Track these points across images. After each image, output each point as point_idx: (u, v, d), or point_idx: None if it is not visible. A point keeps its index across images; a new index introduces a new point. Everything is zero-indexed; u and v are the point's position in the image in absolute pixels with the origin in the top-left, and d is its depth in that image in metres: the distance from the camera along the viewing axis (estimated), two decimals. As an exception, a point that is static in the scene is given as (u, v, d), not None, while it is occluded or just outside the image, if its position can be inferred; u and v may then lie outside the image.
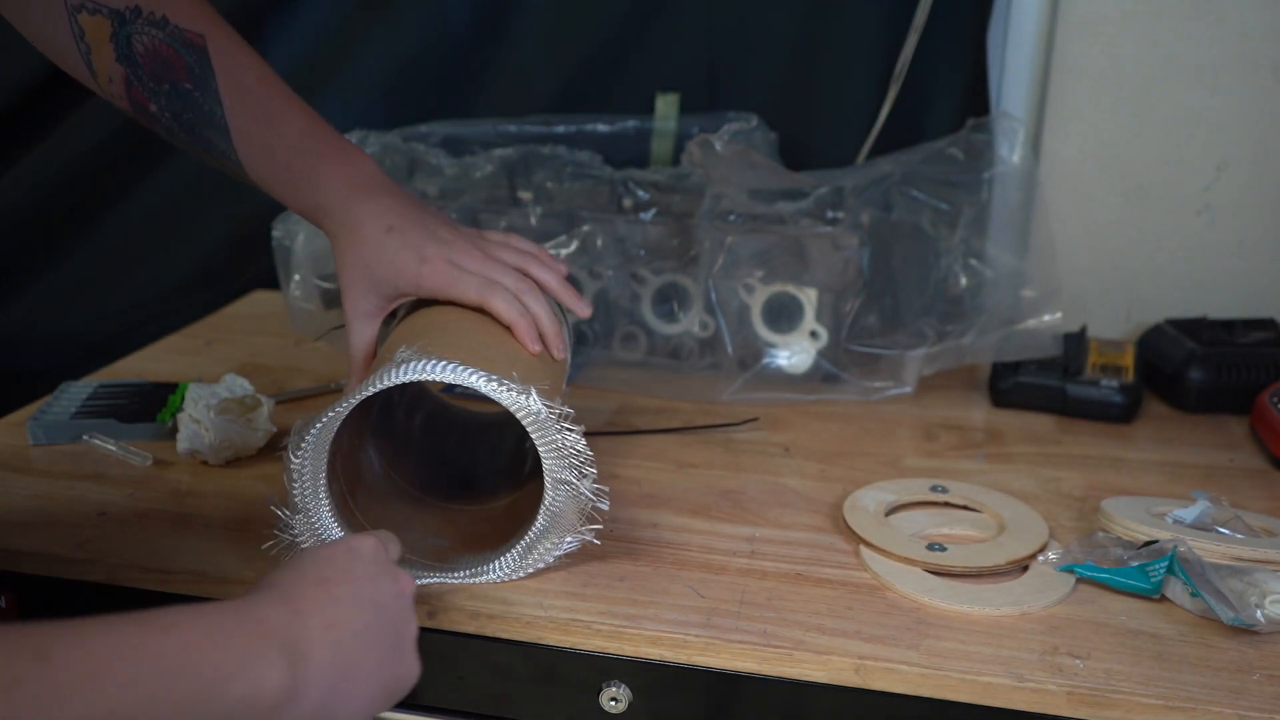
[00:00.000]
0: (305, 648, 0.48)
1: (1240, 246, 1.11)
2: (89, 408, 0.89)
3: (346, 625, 0.51)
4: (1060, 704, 0.59)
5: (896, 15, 1.09)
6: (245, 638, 0.46)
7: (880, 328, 1.01)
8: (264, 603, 0.49)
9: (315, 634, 0.49)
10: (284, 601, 0.50)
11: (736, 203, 1.01)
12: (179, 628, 0.44)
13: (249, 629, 0.47)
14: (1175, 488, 0.84)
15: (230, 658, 0.45)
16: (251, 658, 0.46)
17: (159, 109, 0.72)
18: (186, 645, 0.43)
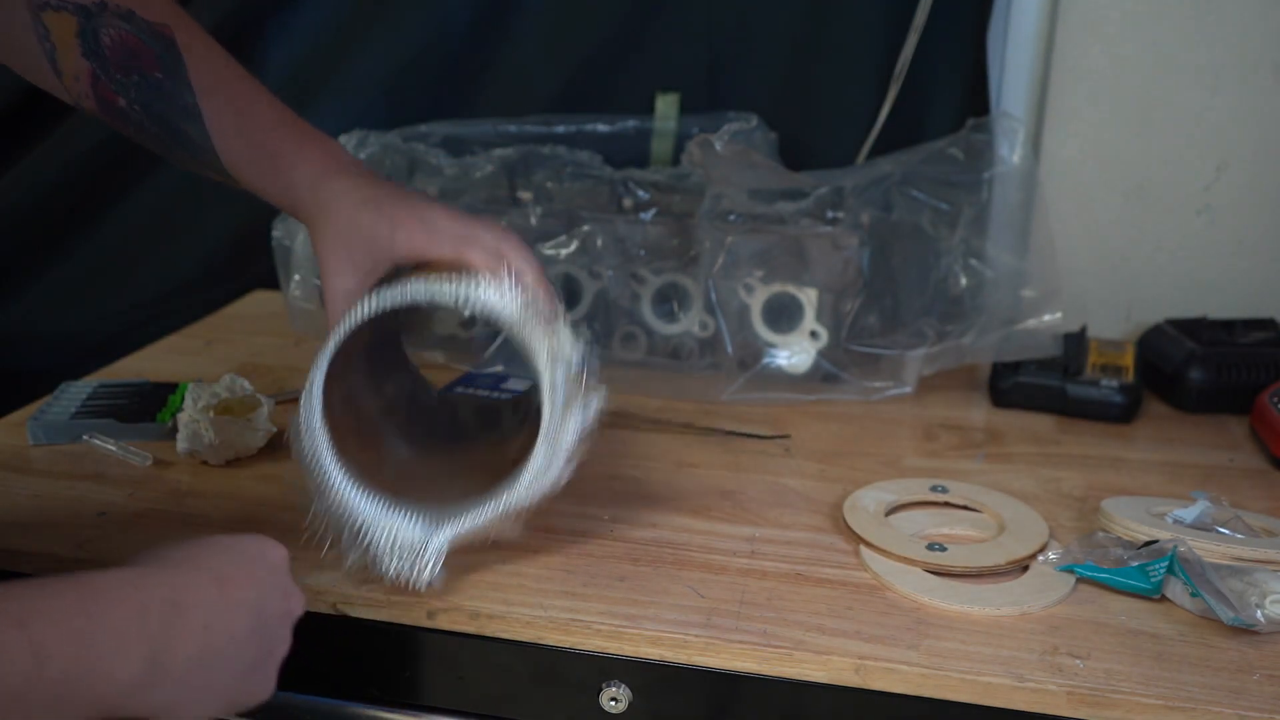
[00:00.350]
0: (174, 645, 0.47)
1: (1240, 246, 1.11)
2: (89, 408, 0.89)
3: (225, 630, 0.49)
4: (1060, 704, 0.59)
5: (896, 15, 1.09)
6: (116, 622, 0.45)
7: (880, 328, 1.01)
8: (148, 585, 0.48)
9: (190, 632, 0.48)
10: (171, 590, 0.48)
11: (736, 203, 1.01)
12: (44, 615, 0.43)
13: (124, 612, 0.46)
14: (1175, 488, 0.84)
15: (93, 649, 0.44)
16: (113, 650, 0.45)
17: (128, 103, 0.70)
18: (55, 629, 0.43)
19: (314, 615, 0.67)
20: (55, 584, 0.45)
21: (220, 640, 0.49)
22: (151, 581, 0.48)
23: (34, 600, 0.43)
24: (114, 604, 0.46)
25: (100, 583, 0.46)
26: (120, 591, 0.47)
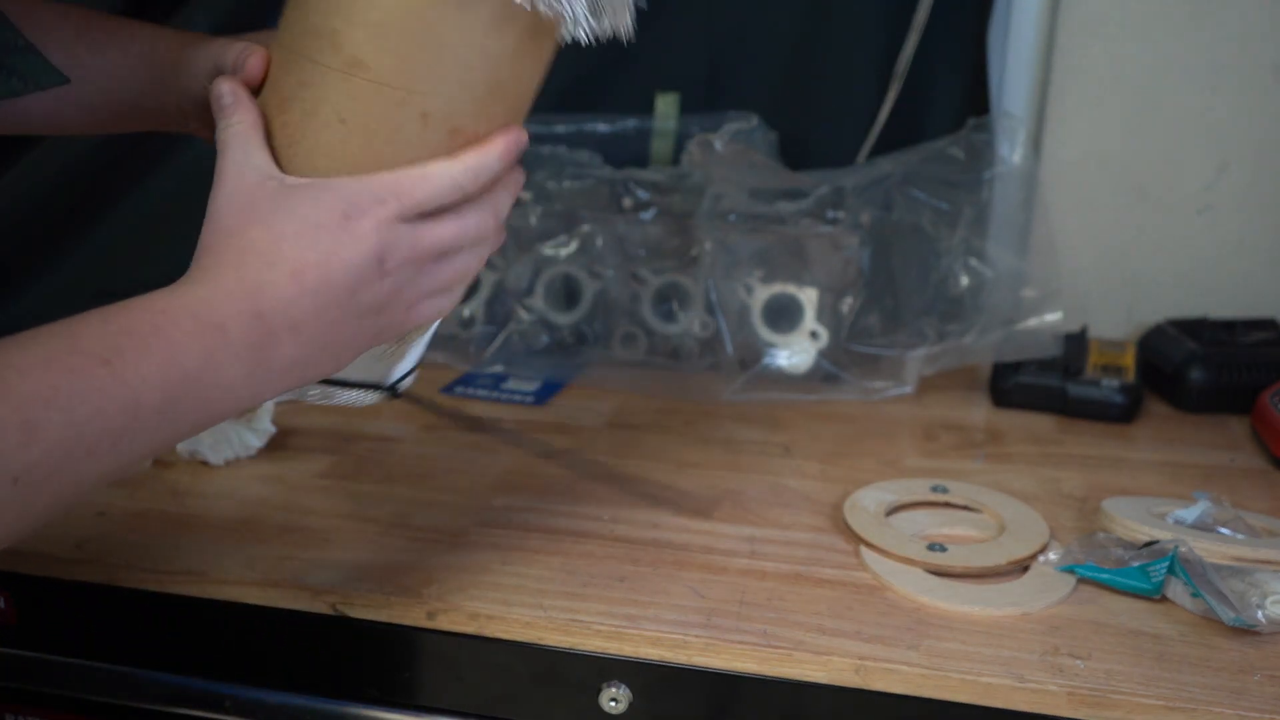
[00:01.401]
0: (268, 357, 0.47)
1: (1240, 246, 1.11)
2: (88, 408, 0.89)
3: (315, 323, 0.49)
4: (1061, 704, 0.59)
5: (896, 15, 1.09)
6: (200, 353, 0.46)
7: (880, 328, 1.01)
8: (220, 305, 0.47)
9: (279, 340, 0.48)
10: (246, 301, 0.48)
11: (736, 203, 1.01)
12: (127, 352, 0.44)
13: (207, 343, 0.46)
14: (1176, 488, 0.83)
15: (185, 378, 0.45)
16: (208, 377, 0.46)
17: None
18: (143, 363, 0.44)
19: (314, 615, 0.67)
20: (126, 316, 0.45)
21: (314, 331, 0.49)
22: (222, 299, 0.47)
23: (114, 336, 0.44)
24: (193, 335, 0.46)
25: (176, 310, 0.46)
26: (195, 321, 0.46)
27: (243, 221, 0.50)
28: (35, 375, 0.42)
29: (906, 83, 1.09)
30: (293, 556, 0.71)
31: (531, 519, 0.77)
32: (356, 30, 0.52)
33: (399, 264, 0.52)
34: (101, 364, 0.43)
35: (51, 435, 0.42)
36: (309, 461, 0.85)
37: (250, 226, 0.50)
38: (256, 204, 0.50)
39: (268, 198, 0.51)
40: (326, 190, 0.51)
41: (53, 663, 0.73)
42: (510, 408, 0.97)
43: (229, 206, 0.51)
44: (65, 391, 0.42)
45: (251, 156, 0.52)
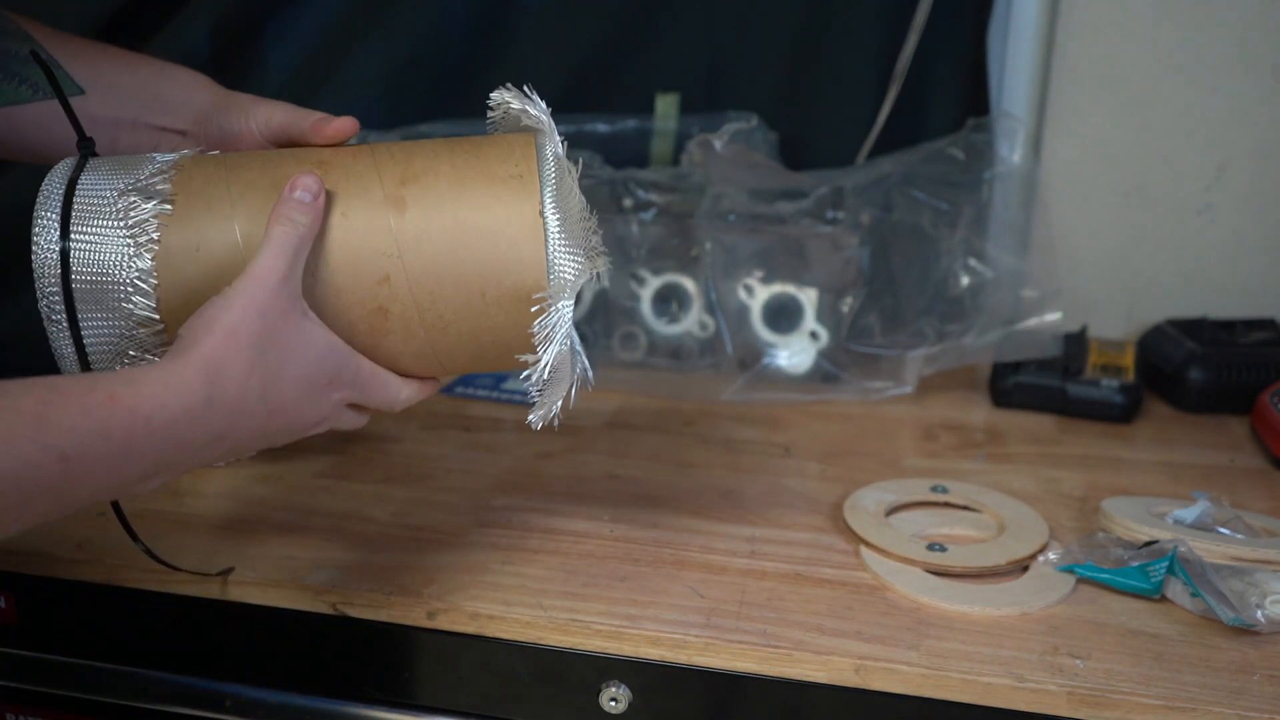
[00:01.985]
0: (212, 454, 0.54)
1: (1240, 246, 1.11)
2: (89, 408, 0.89)
3: (261, 442, 0.57)
4: (1060, 704, 0.59)
5: (896, 15, 1.09)
6: (156, 461, 0.51)
7: (880, 328, 1.01)
8: (201, 426, 0.52)
9: (232, 447, 0.54)
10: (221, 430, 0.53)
11: (736, 203, 1.01)
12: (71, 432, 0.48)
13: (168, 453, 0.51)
14: (1175, 488, 0.83)
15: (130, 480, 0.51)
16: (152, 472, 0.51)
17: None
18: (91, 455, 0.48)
19: (314, 615, 0.67)
20: (107, 415, 0.48)
21: (233, 445, 0.55)
22: (205, 422, 0.52)
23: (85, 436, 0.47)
24: (157, 447, 0.50)
25: (156, 423, 0.50)
26: (168, 438, 0.50)
27: (264, 341, 0.54)
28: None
29: (906, 83, 1.09)
30: (293, 556, 0.71)
31: (531, 519, 0.77)
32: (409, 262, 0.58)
33: (319, 429, 0.60)
34: (58, 460, 0.46)
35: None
36: (309, 461, 0.85)
37: (268, 350, 0.54)
38: (287, 319, 0.55)
39: (291, 326, 0.55)
40: (331, 353, 0.57)
41: (53, 663, 0.73)
42: (510, 408, 0.97)
43: (258, 314, 0.54)
44: (13, 481, 0.45)
45: (295, 270, 0.56)
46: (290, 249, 0.55)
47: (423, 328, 0.59)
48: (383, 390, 0.61)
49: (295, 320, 0.55)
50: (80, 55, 0.67)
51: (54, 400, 0.47)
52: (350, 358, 0.58)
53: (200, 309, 0.54)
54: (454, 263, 0.58)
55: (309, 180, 0.57)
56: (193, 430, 0.51)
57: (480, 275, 0.58)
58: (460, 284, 0.58)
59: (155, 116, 0.69)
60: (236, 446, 0.55)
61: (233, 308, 0.53)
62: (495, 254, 0.58)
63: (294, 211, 0.56)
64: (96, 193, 0.58)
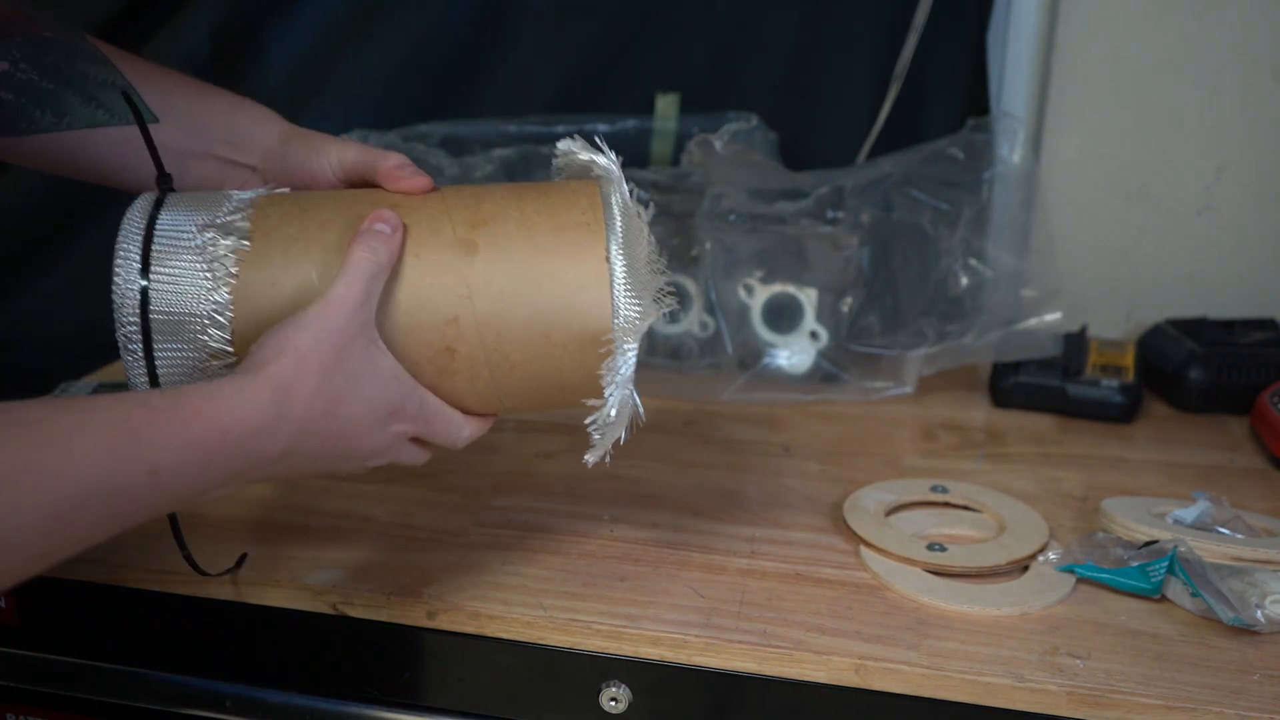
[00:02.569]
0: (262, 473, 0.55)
1: (1240, 246, 1.11)
2: (89, 408, 0.89)
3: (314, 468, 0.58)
4: (1060, 704, 0.59)
5: (896, 15, 1.09)
6: (226, 474, 0.52)
7: (880, 328, 1.01)
8: (270, 443, 0.53)
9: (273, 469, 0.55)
10: (289, 441, 0.54)
11: (736, 203, 1.01)
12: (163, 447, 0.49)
13: (236, 467, 0.52)
14: (1175, 488, 0.84)
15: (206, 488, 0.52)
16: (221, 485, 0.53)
17: (10, 65, 0.64)
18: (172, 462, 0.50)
19: (314, 615, 0.68)
20: (189, 429, 0.50)
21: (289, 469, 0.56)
22: (272, 437, 0.53)
23: (174, 450, 0.49)
24: (232, 461, 0.52)
25: (232, 438, 0.51)
26: (239, 454, 0.52)
27: (333, 363, 0.55)
28: (92, 471, 0.47)
29: (906, 83, 1.09)
30: (293, 556, 0.71)
31: (531, 519, 0.77)
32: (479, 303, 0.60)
33: (379, 460, 0.60)
34: (148, 474, 0.48)
35: (83, 525, 0.47)
36: (309, 461, 0.85)
37: (336, 373, 0.55)
38: (357, 344, 0.56)
39: (364, 349, 0.56)
40: (396, 382, 0.58)
41: (53, 663, 0.73)
42: (510, 408, 0.97)
43: (329, 335, 0.55)
44: (107, 494, 0.47)
45: (371, 298, 0.57)
46: (367, 276, 0.56)
47: (488, 368, 0.60)
48: (446, 426, 0.61)
49: (364, 347, 0.56)
50: (153, 82, 0.68)
51: (146, 416, 0.49)
52: (415, 391, 0.59)
53: (274, 328, 0.56)
54: (521, 305, 0.59)
55: (388, 214, 0.59)
56: (263, 445, 0.53)
57: (547, 318, 0.60)
58: (527, 326, 0.60)
59: (226, 150, 0.70)
60: (299, 465, 0.56)
61: (305, 329, 0.55)
62: (562, 298, 0.60)
63: (374, 241, 0.58)
64: (176, 229, 0.59)
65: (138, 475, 0.48)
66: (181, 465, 0.50)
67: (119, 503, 0.48)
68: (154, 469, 0.48)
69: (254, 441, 0.52)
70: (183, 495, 0.51)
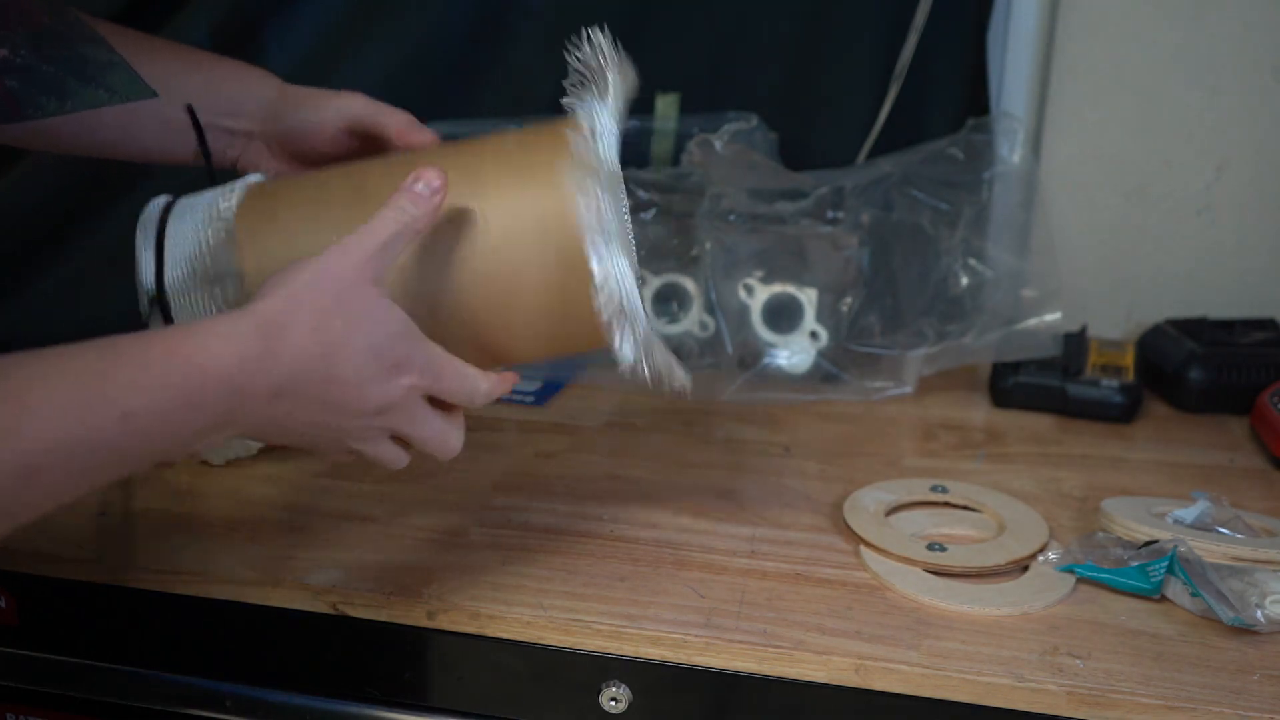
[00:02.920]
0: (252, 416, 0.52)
1: (1240, 246, 1.11)
2: (89, 408, 0.89)
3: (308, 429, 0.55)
4: (1060, 704, 0.59)
5: (896, 15, 1.09)
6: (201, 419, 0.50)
7: (880, 328, 1.01)
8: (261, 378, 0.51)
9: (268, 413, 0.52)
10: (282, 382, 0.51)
11: (736, 203, 1.01)
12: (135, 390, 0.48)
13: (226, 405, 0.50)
14: (1175, 488, 0.84)
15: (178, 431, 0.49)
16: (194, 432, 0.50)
17: (10, 51, 0.63)
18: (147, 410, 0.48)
19: (314, 615, 0.68)
20: (165, 366, 0.48)
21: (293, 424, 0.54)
22: (264, 371, 0.51)
23: (147, 392, 0.47)
24: (217, 399, 0.49)
25: (219, 374, 0.49)
26: (227, 390, 0.50)
27: (332, 304, 0.53)
28: (54, 422, 0.45)
29: (906, 83, 1.09)
30: (293, 556, 0.71)
31: (531, 519, 0.77)
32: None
33: (388, 420, 0.56)
34: (119, 419, 0.46)
35: (51, 480, 0.45)
36: (309, 461, 0.85)
37: (335, 315, 0.53)
38: (362, 292, 0.54)
39: (363, 299, 0.54)
40: (403, 334, 0.55)
41: (53, 663, 0.73)
42: (510, 408, 0.97)
43: (331, 278, 0.53)
44: (78, 443, 0.45)
45: (387, 250, 0.55)
46: (388, 231, 0.55)
47: (497, 317, 0.60)
48: (459, 379, 0.58)
49: (370, 295, 0.54)
50: (148, 55, 0.67)
51: (112, 357, 0.47)
52: (423, 343, 0.56)
53: (278, 272, 0.54)
54: (514, 248, 0.59)
55: (432, 174, 0.57)
56: (249, 381, 0.50)
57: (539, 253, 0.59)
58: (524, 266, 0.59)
59: (224, 119, 0.70)
60: (295, 414, 0.53)
61: (304, 270, 0.53)
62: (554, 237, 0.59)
63: (406, 201, 0.56)
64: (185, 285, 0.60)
65: (107, 421, 0.46)
66: (157, 408, 0.47)
67: (90, 453, 0.46)
68: (125, 413, 0.46)
69: (238, 378, 0.50)
70: (163, 442, 0.49)
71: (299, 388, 0.52)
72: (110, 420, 0.46)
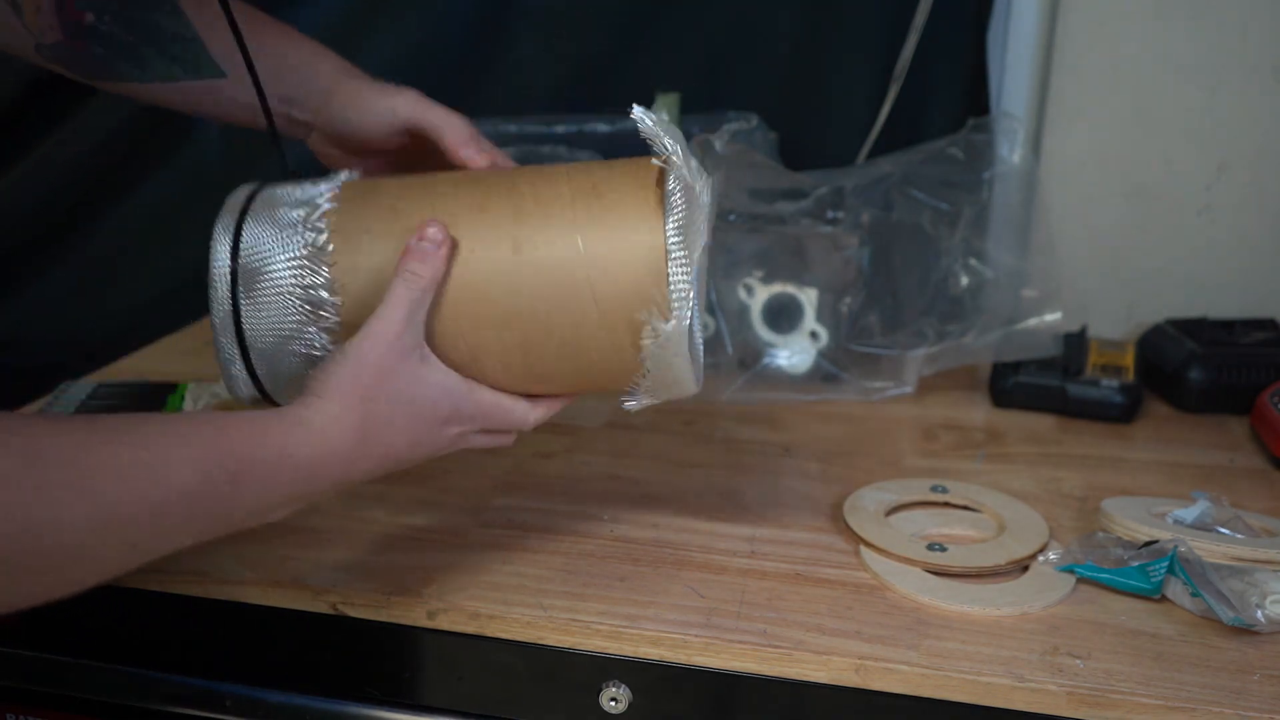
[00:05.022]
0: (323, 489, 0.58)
1: (1240, 246, 1.11)
2: (89, 408, 0.89)
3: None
4: (1060, 704, 0.59)
5: (896, 15, 1.09)
6: (289, 494, 0.56)
7: (880, 328, 1.01)
8: (328, 468, 0.56)
9: (335, 486, 0.58)
10: (343, 468, 0.57)
11: (736, 203, 1.01)
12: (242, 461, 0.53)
13: (300, 489, 0.56)
14: (1175, 488, 0.84)
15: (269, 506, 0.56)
16: (283, 504, 0.56)
17: (96, 16, 0.68)
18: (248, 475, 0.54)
19: (314, 615, 0.68)
20: (257, 444, 0.54)
21: (353, 476, 0.58)
22: (330, 463, 0.56)
23: (244, 463, 0.52)
24: (291, 482, 0.55)
25: (296, 457, 0.55)
26: (301, 472, 0.55)
27: (375, 392, 0.58)
28: (186, 471, 0.50)
29: (906, 83, 1.09)
30: (293, 556, 0.71)
31: (531, 519, 0.77)
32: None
33: (445, 454, 0.62)
34: (228, 481, 0.52)
35: (174, 523, 0.50)
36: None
37: (379, 401, 0.58)
38: (399, 371, 0.58)
39: (409, 371, 0.59)
40: (447, 395, 0.60)
41: (53, 663, 0.73)
42: (510, 408, 0.97)
43: (369, 368, 0.58)
44: (195, 494, 0.50)
45: (415, 316, 0.59)
46: (408, 303, 0.58)
47: (548, 350, 0.61)
48: (507, 417, 0.63)
49: (409, 369, 0.59)
50: (222, 30, 0.69)
51: (225, 430, 0.53)
52: (468, 395, 0.61)
53: (324, 363, 0.59)
54: (571, 292, 0.60)
55: (434, 231, 0.60)
56: (319, 469, 0.56)
57: (596, 301, 0.60)
58: (578, 303, 0.60)
59: (285, 106, 0.72)
60: (356, 480, 0.59)
61: (346, 364, 0.58)
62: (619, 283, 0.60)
63: (415, 265, 0.59)
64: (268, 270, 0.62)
65: (220, 481, 0.51)
66: (254, 479, 0.53)
67: (204, 505, 0.51)
68: (233, 476, 0.52)
69: (307, 469, 0.55)
70: (253, 508, 0.54)
71: (358, 469, 0.58)
72: (222, 480, 0.51)
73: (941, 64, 1.11)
